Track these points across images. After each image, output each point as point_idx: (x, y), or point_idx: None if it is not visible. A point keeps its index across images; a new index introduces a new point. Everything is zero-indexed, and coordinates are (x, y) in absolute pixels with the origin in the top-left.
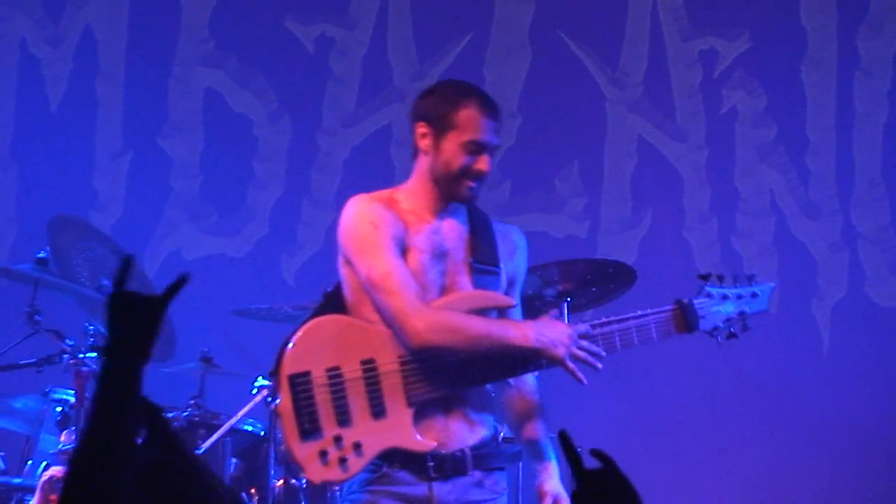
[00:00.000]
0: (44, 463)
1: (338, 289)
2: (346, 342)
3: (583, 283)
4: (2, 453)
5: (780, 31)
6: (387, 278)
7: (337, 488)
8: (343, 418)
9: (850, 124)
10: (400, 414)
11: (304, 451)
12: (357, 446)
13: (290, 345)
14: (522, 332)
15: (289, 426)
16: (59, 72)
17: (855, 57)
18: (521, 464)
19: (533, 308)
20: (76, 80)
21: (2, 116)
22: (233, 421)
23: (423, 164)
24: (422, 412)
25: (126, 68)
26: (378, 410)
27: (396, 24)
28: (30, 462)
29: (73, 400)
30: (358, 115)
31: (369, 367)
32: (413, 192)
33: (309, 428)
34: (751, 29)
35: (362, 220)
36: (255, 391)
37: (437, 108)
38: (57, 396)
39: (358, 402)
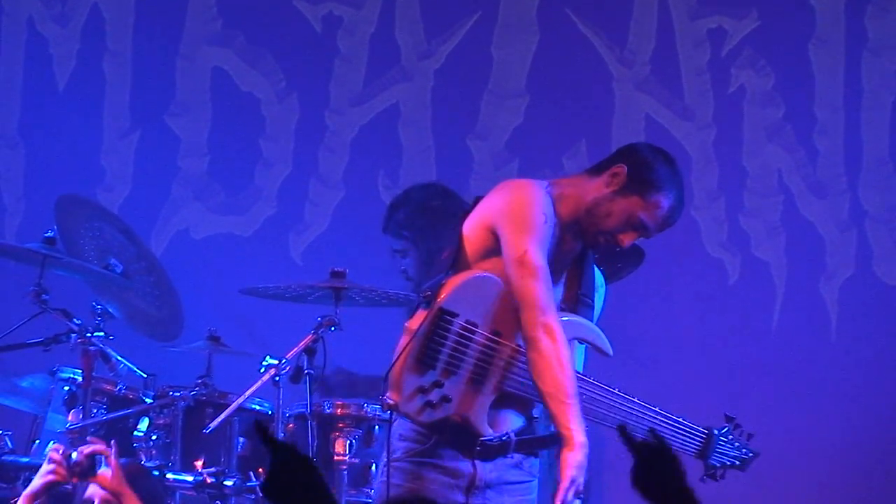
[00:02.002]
0: (51, 443)
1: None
2: (493, 306)
3: None
4: (9, 433)
5: (788, 9)
6: (539, 270)
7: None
8: (452, 369)
9: (859, 103)
10: (487, 393)
11: (410, 379)
12: (446, 399)
13: (458, 282)
14: (579, 429)
15: (412, 350)
16: (66, 51)
17: (863, 36)
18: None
19: None
20: (83, 59)
21: (9, 95)
22: (241, 400)
23: (592, 189)
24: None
25: (133, 47)
26: (478, 379)
27: (404, 3)
28: (37, 441)
29: (80, 379)
30: (366, 94)
31: (494, 340)
32: (563, 198)
33: (427, 361)
34: (759, 8)
35: (536, 207)
36: (262, 370)
37: (647, 172)
38: (64, 375)
39: (469, 361)
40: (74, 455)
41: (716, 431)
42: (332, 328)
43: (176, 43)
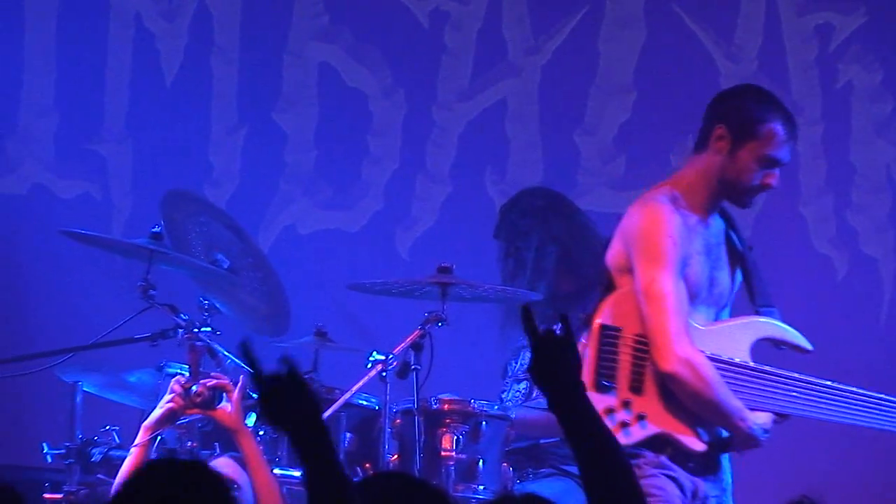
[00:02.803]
0: (158, 437)
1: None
2: None
3: None
4: (116, 427)
5: None
6: (667, 297)
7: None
8: (636, 386)
9: None
10: (687, 407)
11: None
12: (641, 418)
13: (612, 299)
14: (746, 422)
15: (585, 374)
16: (173, 46)
17: None
18: None
19: None
20: (191, 55)
21: (117, 91)
22: (347, 395)
23: (710, 164)
24: None
25: (240, 43)
26: (672, 393)
27: None
28: None
29: (187, 374)
30: (473, 89)
31: None
32: (692, 188)
33: (604, 382)
34: (866, 3)
35: (664, 232)
36: (369, 365)
37: (742, 115)
38: (171, 371)
39: (651, 377)
40: (195, 388)
41: None
42: (439, 324)
43: (283, 39)
